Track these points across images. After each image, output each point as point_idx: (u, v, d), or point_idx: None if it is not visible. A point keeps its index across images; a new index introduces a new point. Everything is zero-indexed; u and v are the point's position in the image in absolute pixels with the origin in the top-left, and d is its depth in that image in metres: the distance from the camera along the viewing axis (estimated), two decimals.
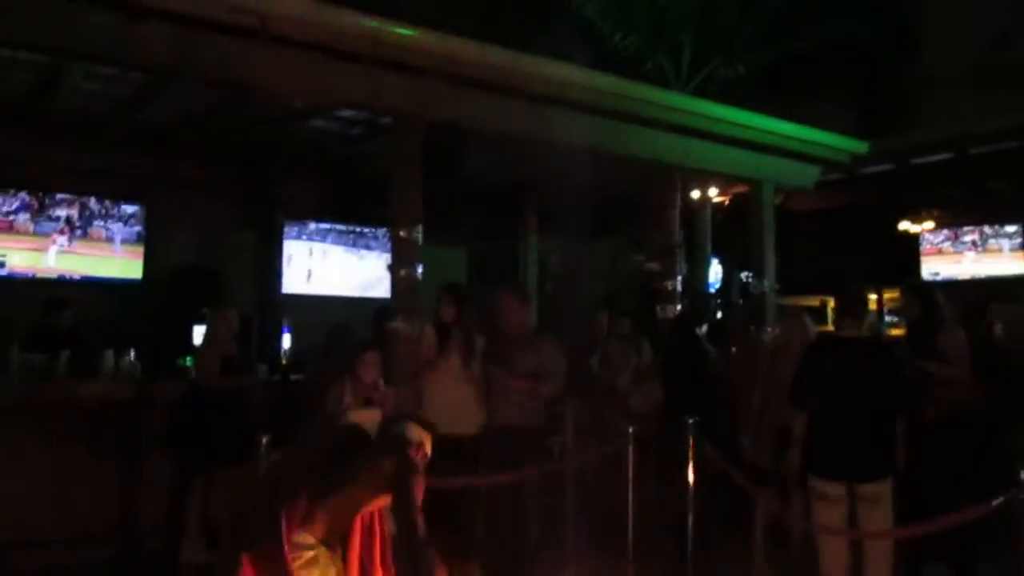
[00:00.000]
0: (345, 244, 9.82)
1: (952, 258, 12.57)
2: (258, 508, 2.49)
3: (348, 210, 9.47)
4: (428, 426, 2.72)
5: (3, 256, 7.77)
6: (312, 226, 9.56)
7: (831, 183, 9.86)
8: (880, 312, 12.18)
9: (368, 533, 2.60)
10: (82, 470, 5.42)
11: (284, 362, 7.28)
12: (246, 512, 2.55)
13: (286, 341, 7.94)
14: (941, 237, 12.67)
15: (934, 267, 12.64)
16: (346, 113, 7.04)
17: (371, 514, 2.60)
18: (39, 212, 8.00)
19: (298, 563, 2.36)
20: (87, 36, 4.54)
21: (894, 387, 4.69)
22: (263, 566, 2.31)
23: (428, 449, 2.68)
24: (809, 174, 8.28)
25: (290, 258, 9.32)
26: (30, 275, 7.90)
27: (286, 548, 2.34)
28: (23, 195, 7.91)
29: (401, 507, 2.52)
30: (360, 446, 2.60)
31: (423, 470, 2.64)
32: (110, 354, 6.03)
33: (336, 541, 2.51)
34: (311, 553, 2.41)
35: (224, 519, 5.09)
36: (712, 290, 10.45)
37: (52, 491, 5.32)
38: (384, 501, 2.57)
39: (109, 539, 5.39)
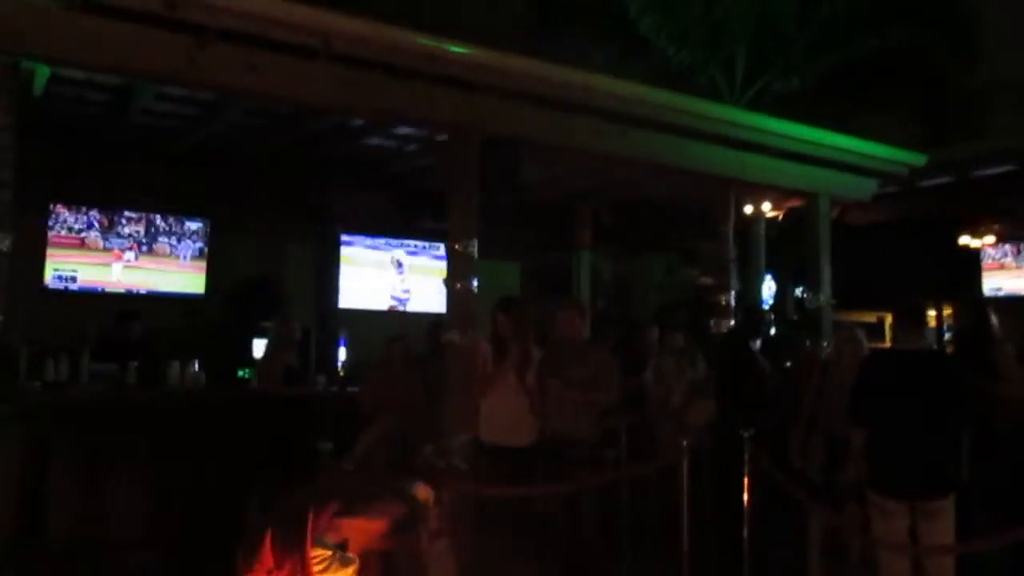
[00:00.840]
0: (401, 257, 9.98)
1: (1015, 272, 12.25)
2: (296, 500, 2.90)
3: (404, 225, 9.62)
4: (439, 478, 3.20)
5: (75, 271, 8.07)
6: (369, 240, 9.74)
7: (889, 196, 9.71)
8: (939, 327, 11.93)
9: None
10: (150, 476, 5.58)
11: (342, 373, 7.43)
12: (285, 501, 2.92)
13: (342, 353, 8.09)
14: (1003, 251, 12.37)
15: (996, 282, 12.33)
16: (403, 130, 7.18)
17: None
18: (108, 229, 8.30)
19: (315, 560, 2.76)
20: (160, 59, 4.73)
21: (955, 401, 4.61)
22: (282, 549, 2.68)
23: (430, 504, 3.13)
24: (866, 187, 8.19)
25: (347, 271, 9.50)
26: (99, 289, 8.18)
27: (309, 540, 2.80)
28: (94, 213, 8.22)
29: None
30: (384, 489, 2.99)
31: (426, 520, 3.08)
32: (176, 365, 6.23)
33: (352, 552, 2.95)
34: (328, 553, 2.85)
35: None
36: (766, 306, 10.35)
37: (120, 496, 5.48)
38: (384, 544, 2.96)
39: (174, 545, 5.53)
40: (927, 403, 4.55)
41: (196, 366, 6.36)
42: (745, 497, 4.86)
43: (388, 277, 9.84)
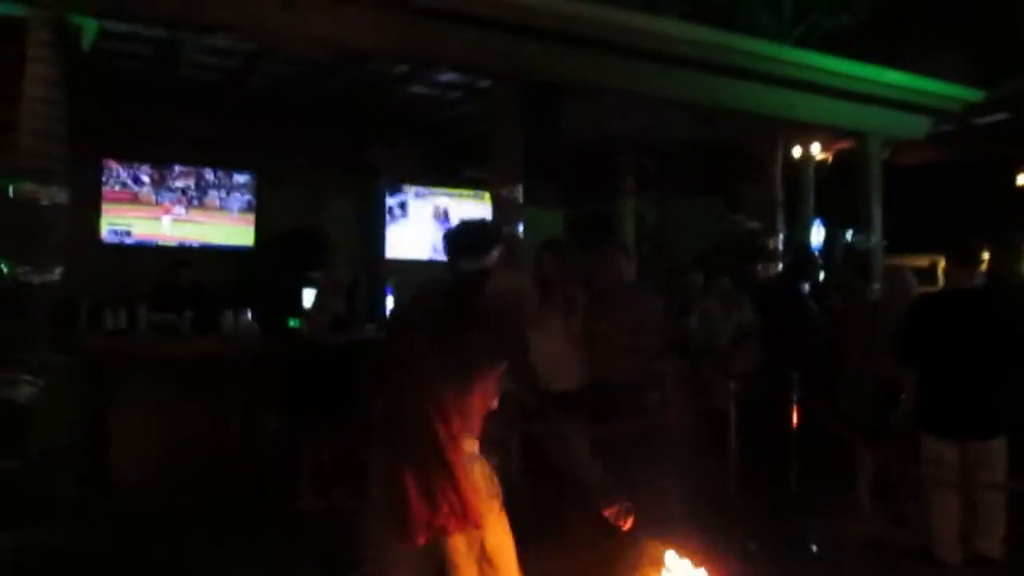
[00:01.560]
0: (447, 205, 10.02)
1: None
2: (410, 417, 2.61)
3: (448, 173, 9.64)
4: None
5: (129, 225, 8.26)
6: (414, 190, 9.78)
7: (942, 136, 9.44)
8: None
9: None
10: (206, 420, 5.76)
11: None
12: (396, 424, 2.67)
13: (390, 302, 8.19)
14: None
15: None
16: (445, 77, 7.15)
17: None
18: (159, 183, 8.45)
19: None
20: (203, 5, 4.78)
21: (1007, 340, 4.54)
22: (430, 473, 2.50)
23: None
24: (919, 126, 7.99)
25: (392, 219, 9.57)
26: (153, 243, 8.37)
27: (451, 455, 2.55)
28: (145, 167, 8.36)
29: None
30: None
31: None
32: (229, 314, 6.38)
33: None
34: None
35: (338, 467, 5.35)
36: (815, 250, 10.21)
37: (178, 439, 5.68)
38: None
39: (229, 485, 5.72)
40: (978, 342, 4.50)
41: (248, 315, 6.50)
42: (793, 434, 4.87)
43: (433, 226, 9.90)
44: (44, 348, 4.90)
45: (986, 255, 4.96)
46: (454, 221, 9.93)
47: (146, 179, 8.38)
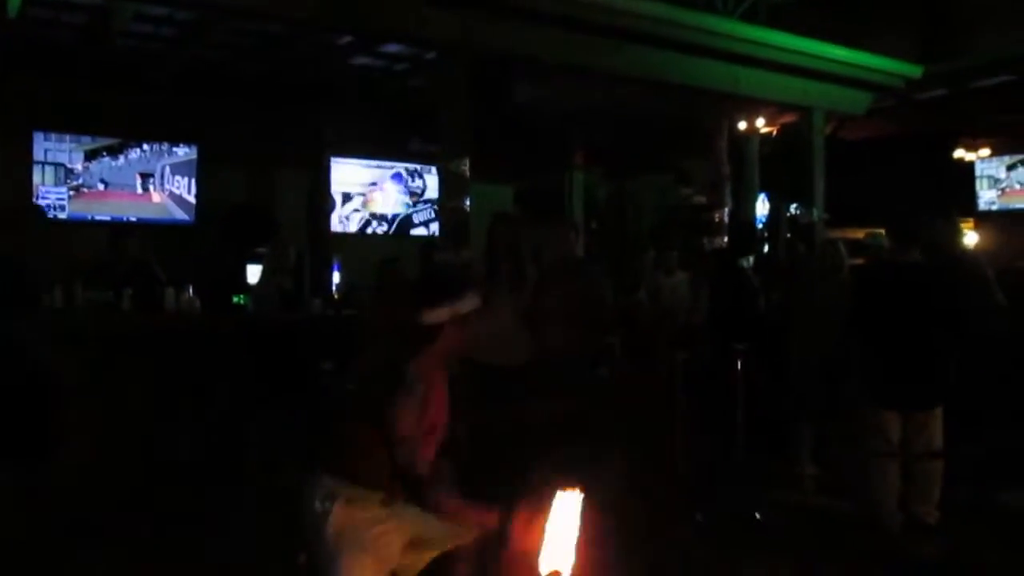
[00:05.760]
0: (392, 180, 9.90)
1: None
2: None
3: (396, 147, 9.52)
4: None
5: (63, 201, 7.99)
6: (359, 163, 9.64)
7: (884, 110, 9.61)
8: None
9: None
10: (150, 402, 5.62)
11: (336, 297, 7.43)
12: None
13: (336, 277, 8.09)
14: (997, 165, 12.29)
15: (990, 197, 12.31)
16: (391, 48, 7.04)
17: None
18: (93, 157, 8.16)
19: None
20: None
21: (945, 313, 4.65)
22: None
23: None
24: (861, 100, 8.11)
25: (338, 195, 9.44)
26: (89, 217, 8.11)
27: None
28: (82, 139, 8.07)
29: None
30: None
31: None
32: (171, 291, 6.22)
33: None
34: None
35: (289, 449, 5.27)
36: (760, 224, 10.34)
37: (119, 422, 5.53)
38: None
39: (173, 468, 5.60)
40: (919, 316, 4.60)
41: (191, 291, 6.35)
42: (738, 406, 4.95)
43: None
44: None
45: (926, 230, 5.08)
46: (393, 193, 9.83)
47: (80, 153, 8.11)
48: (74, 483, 4.86)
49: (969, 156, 12.18)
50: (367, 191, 9.69)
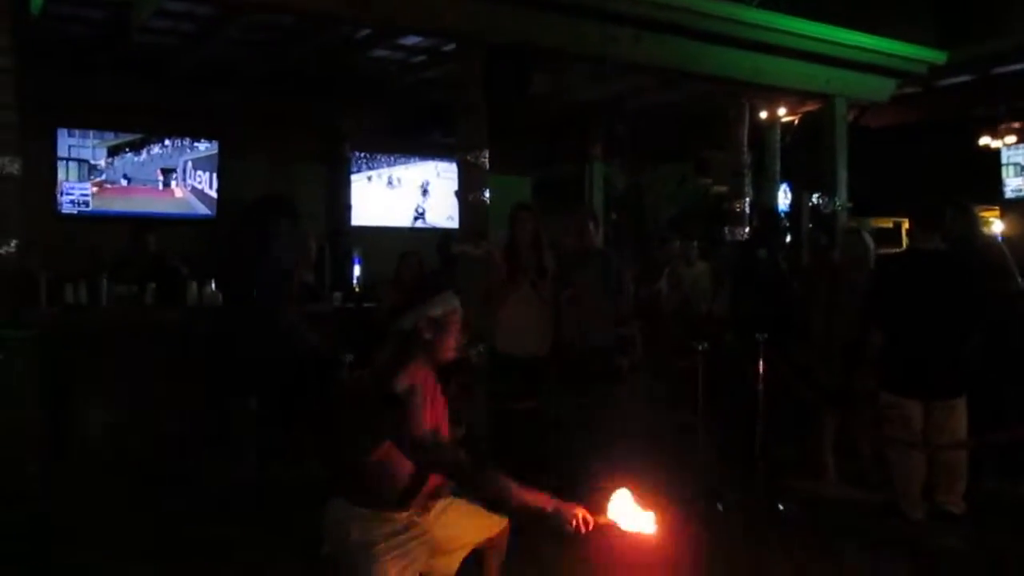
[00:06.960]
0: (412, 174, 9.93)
1: None
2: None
3: (415, 139, 9.52)
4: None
5: (87, 196, 8.07)
6: (379, 157, 9.67)
7: (907, 97, 9.49)
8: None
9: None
10: (171, 392, 5.67)
11: (357, 290, 7.46)
12: None
13: (357, 271, 8.12)
14: None
15: (1016, 185, 12.12)
16: (408, 41, 7.04)
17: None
18: (116, 152, 8.24)
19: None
20: None
21: (968, 301, 4.60)
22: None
23: None
24: (884, 88, 8.00)
25: (358, 189, 9.47)
26: (113, 212, 8.19)
27: None
28: (104, 136, 8.15)
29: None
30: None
31: None
32: (193, 285, 6.28)
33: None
34: None
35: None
36: (782, 213, 10.25)
37: (140, 413, 5.59)
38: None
39: (196, 459, 5.64)
40: (941, 304, 4.55)
41: (213, 286, 6.40)
42: (760, 396, 4.92)
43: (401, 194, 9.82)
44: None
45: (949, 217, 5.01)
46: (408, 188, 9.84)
47: (103, 149, 8.18)
48: None
49: (995, 143, 12.00)
50: (387, 184, 9.72)
